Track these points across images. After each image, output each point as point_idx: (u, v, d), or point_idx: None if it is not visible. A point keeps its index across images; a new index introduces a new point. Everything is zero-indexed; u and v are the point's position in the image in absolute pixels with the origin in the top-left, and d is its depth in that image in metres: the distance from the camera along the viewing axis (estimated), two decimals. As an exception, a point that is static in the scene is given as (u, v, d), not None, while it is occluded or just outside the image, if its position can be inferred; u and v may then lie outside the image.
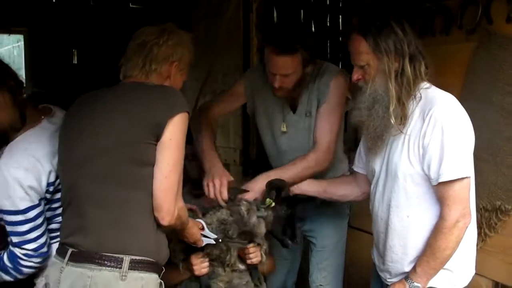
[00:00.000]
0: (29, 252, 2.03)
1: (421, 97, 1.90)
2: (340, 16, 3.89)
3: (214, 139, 2.61)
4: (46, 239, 2.07)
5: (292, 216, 2.29)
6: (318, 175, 2.43)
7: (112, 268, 1.75)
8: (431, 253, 1.90)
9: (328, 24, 3.98)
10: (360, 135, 2.27)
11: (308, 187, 2.35)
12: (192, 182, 2.46)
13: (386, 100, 1.89)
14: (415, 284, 1.93)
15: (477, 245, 2.46)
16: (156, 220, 1.81)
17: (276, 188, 2.23)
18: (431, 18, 2.84)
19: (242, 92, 2.66)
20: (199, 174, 2.45)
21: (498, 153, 2.50)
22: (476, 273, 2.06)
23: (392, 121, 1.89)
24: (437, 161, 1.84)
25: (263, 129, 2.68)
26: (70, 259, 1.79)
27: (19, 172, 1.97)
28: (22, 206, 1.98)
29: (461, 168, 1.83)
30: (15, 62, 5.64)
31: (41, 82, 4.60)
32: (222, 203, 2.25)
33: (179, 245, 2.14)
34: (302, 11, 4.02)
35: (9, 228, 2.02)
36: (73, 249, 1.80)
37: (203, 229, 2.09)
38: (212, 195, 2.27)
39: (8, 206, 1.98)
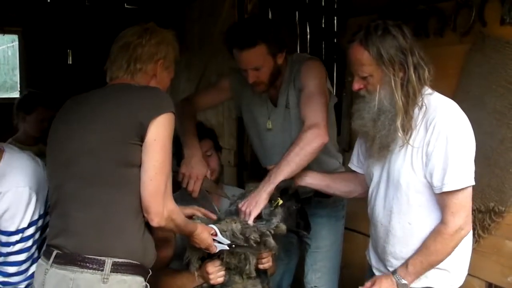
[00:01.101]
0: (6, 279, 2.00)
1: (424, 104, 1.88)
2: (335, 18, 3.89)
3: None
4: (30, 265, 2.03)
5: (303, 208, 2.30)
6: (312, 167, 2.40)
7: (94, 271, 1.73)
8: (427, 255, 1.91)
9: (323, 26, 3.98)
10: (354, 138, 2.27)
11: (312, 180, 2.31)
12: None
13: (393, 112, 1.86)
14: (403, 281, 1.94)
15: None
16: (143, 222, 1.80)
17: (283, 189, 2.23)
18: (425, 20, 2.85)
19: (227, 87, 2.67)
20: None
21: (491, 155, 2.51)
22: (469, 274, 2.07)
23: (399, 134, 1.87)
24: (441, 171, 1.83)
25: (248, 126, 2.72)
26: (54, 261, 1.78)
27: (25, 190, 1.96)
28: (23, 224, 1.97)
29: (464, 177, 1.83)
30: (10, 62, 5.61)
31: (36, 82, 4.59)
32: (195, 195, 2.33)
33: (195, 253, 2.12)
34: (297, 12, 4.02)
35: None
36: (58, 251, 1.79)
37: (216, 235, 2.06)
38: (188, 187, 2.33)
39: (8, 227, 1.96)
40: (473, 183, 1.86)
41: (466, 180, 1.84)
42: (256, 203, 2.16)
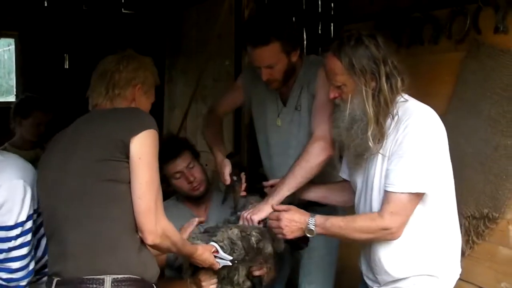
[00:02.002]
0: (10, 276, 1.98)
1: (397, 113, 1.89)
2: (332, 24, 3.91)
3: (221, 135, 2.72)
4: (30, 260, 2.02)
5: None
6: (314, 179, 2.37)
7: None
8: (349, 226, 1.92)
9: (319, 32, 4.01)
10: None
11: (314, 194, 2.33)
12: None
13: (365, 121, 1.88)
14: (312, 227, 1.95)
15: (465, 252, 2.49)
16: (139, 238, 1.79)
17: (288, 202, 2.23)
18: (420, 28, 2.88)
19: (240, 86, 2.68)
20: None
21: (485, 162, 2.53)
22: (464, 280, 2.07)
23: (370, 144, 1.88)
24: (394, 170, 1.84)
25: (256, 120, 2.70)
26: None
27: (20, 183, 1.95)
28: (22, 217, 1.96)
29: (414, 183, 1.83)
30: (6, 66, 5.61)
31: (32, 86, 4.57)
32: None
33: (187, 260, 2.11)
34: (294, 18, 4.04)
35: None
36: (58, 279, 1.78)
37: (217, 252, 2.06)
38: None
39: (6, 221, 1.95)
40: (425, 191, 1.85)
41: (415, 185, 1.83)
42: (259, 211, 2.16)
